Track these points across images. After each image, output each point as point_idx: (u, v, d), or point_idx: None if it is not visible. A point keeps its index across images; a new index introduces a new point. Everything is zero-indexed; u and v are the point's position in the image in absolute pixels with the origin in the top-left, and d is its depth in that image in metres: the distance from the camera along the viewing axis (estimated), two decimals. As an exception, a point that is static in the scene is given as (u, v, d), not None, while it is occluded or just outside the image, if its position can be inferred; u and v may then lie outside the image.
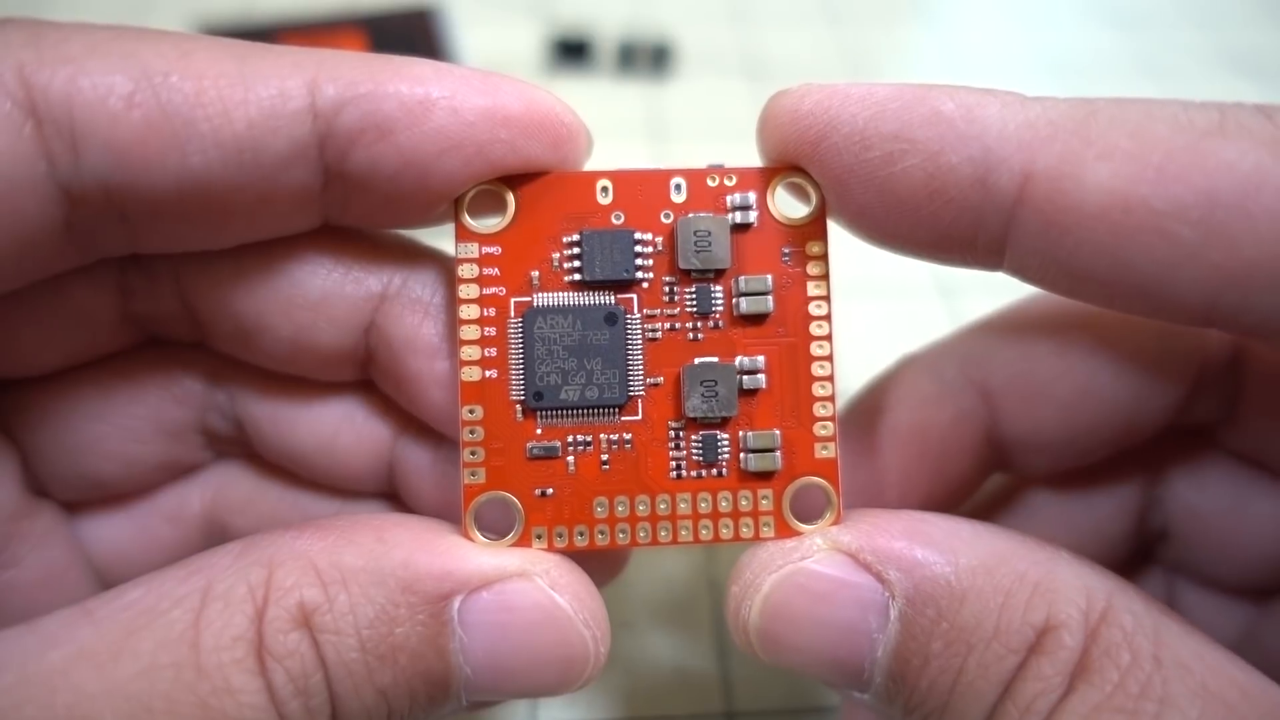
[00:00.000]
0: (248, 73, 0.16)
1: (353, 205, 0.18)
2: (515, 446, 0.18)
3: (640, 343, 0.18)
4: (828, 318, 0.18)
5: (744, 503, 0.18)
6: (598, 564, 0.20)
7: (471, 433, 0.18)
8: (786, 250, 0.18)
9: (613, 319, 0.18)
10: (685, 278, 0.18)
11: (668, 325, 0.18)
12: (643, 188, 0.18)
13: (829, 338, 0.18)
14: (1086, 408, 0.21)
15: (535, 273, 0.18)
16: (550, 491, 0.18)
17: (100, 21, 0.17)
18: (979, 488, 0.23)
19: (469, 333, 0.18)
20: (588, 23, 0.49)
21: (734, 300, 0.18)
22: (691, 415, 0.18)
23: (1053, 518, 0.23)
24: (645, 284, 0.18)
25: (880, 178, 0.17)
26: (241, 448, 0.22)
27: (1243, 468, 0.22)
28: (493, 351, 0.18)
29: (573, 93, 0.20)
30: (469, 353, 0.18)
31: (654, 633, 0.27)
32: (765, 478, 0.18)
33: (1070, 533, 0.23)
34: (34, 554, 0.20)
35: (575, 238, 0.18)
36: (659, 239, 0.18)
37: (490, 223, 0.18)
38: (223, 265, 0.19)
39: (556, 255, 0.18)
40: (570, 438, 0.18)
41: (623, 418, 0.18)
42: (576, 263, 0.18)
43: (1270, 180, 0.15)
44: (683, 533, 0.18)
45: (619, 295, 0.18)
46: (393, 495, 0.22)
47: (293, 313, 0.19)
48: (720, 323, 0.18)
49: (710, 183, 0.18)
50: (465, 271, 0.18)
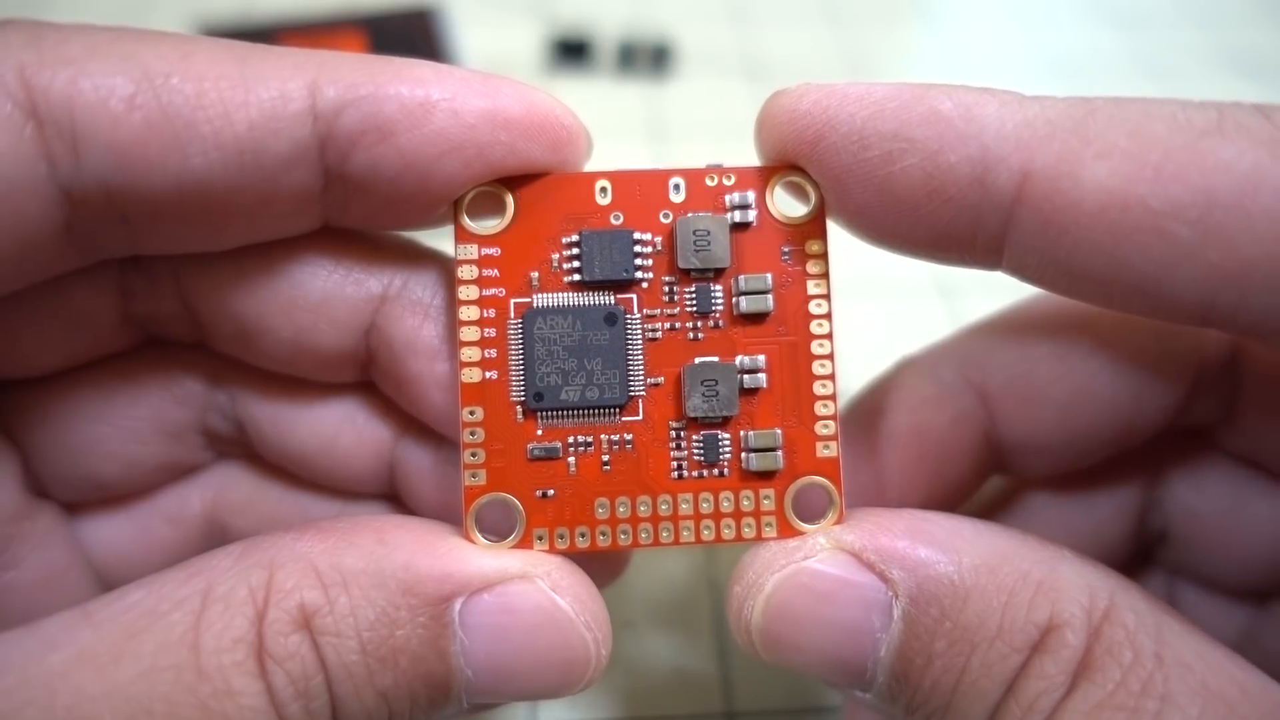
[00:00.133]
0: (249, 74, 0.16)
1: (353, 207, 0.18)
2: (516, 448, 0.18)
3: (640, 343, 0.18)
4: (828, 316, 0.18)
5: (745, 503, 0.18)
6: (599, 565, 0.20)
7: (472, 434, 0.18)
8: (786, 249, 0.18)
9: (613, 319, 0.18)
10: (685, 277, 0.18)
11: (668, 325, 0.18)
12: (642, 188, 0.18)
13: (829, 336, 0.18)
14: (1085, 409, 0.21)
15: (535, 273, 0.18)
16: (551, 493, 0.18)
17: (100, 22, 0.17)
18: (978, 490, 0.23)
19: (469, 334, 0.18)
20: (588, 23, 0.49)
21: (734, 299, 0.18)
22: (692, 415, 0.18)
23: (1052, 519, 0.23)
24: (645, 284, 0.18)
25: (879, 177, 0.17)
26: (242, 448, 0.22)
27: (1241, 469, 0.22)
28: (493, 353, 0.18)
29: (573, 93, 0.20)
30: (469, 354, 0.18)
31: (654, 633, 0.27)
32: (767, 477, 0.18)
33: (1069, 534, 0.23)
34: (34, 555, 0.20)
35: (574, 238, 0.18)
36: (658, 239, 0.18)
37: (490, 224, 0.18)
38: (223, 266, 0.19)
39: (556, 256, 0.18)
40: (571, 438, 0.18)
41: (623, 418, 0.18)
42: (576, 263, 0.18)
43: (1268, 180, 0.15)
44: (684, 533, 0.18)
45: (619, 295, 0.18)
46: (393, 496, 0.22)
47: (293, 314, 0.19)
48: (720, 322, 0.18)
49: (709, 182, 0.18)
50: (465, 273, 0.18)
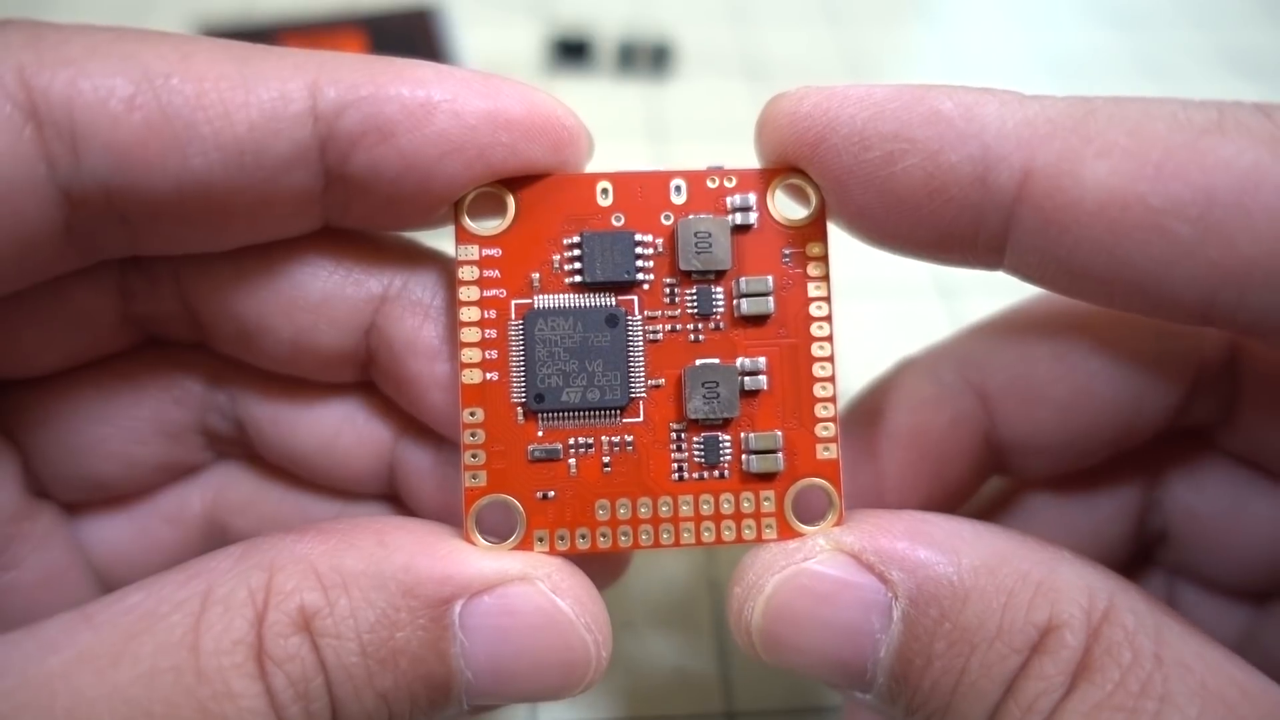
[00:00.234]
0: (249, 75, 0.16)
1: (353, 207, 0.18)
2: (516, 449, 0.18)
3: (641, 344, 0.18)
4: (828, 318, 0.18)
5: (746, 504, 0.18)
6: (599, 566, 0.20)
7: (472, 435, 0.18)
8: (787, 251, 0.18)
9: (614, 321, 0.18)
10: (686, 279, 0.18)
11: (669, 327, 0.18)
12: (643, 189, 0.18)
13: (830, 338, 0.18)
14: (1084, 410, 0.21)
15: (536, 275, 0.18)
16: (552, 494, 0.18)
17: (100, 22, 0.17)
18: (978, 490, 0.23)
19: (469, 335, 0.18)
20: (588, 23, 0.49)
21: (735, 301, 0.18)
22: (693, 417, 0.18)
23: (1052, 520, 0.23)
24: (646, 285, 0.18)
25: (880, 178, 0.17)
26: (242, 449, 0.22)
27: (1241, 469, 0.22)
28: (493, 354, 0.18)
29: (573, 93, 0.20)
30: (469, 355, 0.18)
31: (654, 633, 0.27)
32: (767, 479, 0.18)
33: (1069, 535, 0.23)
34: (34, 555, 0.20)
35: (576, 239, 0.18)
36: (659, 240, 0.18)
37: (490, 225, 0.18)
38: (223, 267, 0.19)
39: (557, 257, 0.18)
40: (572, 440, 0.18)
41: (624, 420, 0.18)
42: (577, 264, 0.18)
43: (1268, 178, 0.15)
44: (684, 535, 0.18)
45: (620, 297, 0.18)
46: (394, 497, 0.22)
47: (293, 314, 0.19)
48: (721, 324, 0.18)
49: (710, 184, 0.18)
50: (465, 274, 0.18)
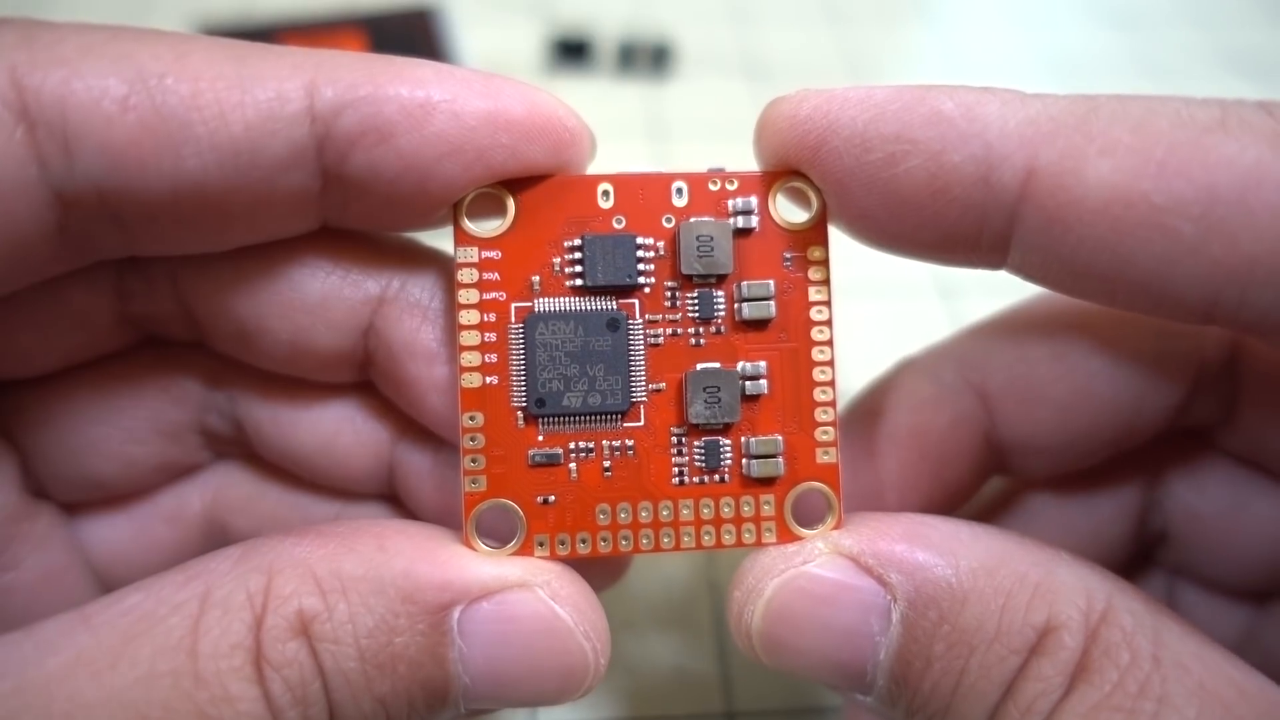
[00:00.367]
0: (245, 75, 0.16)
1: (352, 208, 0.18)
2: (517, 454, 0.18)
3: (642, 348, 0.18)
4: (829, 323, 0.18)
5: (746, 508, 0.18)
6: (599, 568, 0.20)
7: (472, 440, 0.18)
8: (788, 255, 0.18)
9: (615, 325, 0.18)
10: (687, 283, 0.18)
11: (670, 331, 0.18)
12: (644, 192, 0.18)
13: (830, 343, 0.18)
14: (1084, 410, 0.21)
15: (536, 277, 0.18)
16: (552, 499, 0.18)
17: (99, 22, 0.17)
18: (978, 491, 0.23)
19: (469, 338, 0.18)
20: (588, 23, 0.49)
21: (736, 306, 0.18)
22: (695, 422, 0.18)
23: (1052, 521, 0.23)
24: (647, 289, 0.18)
25: (882, 179, 0.17)
26: (241, 448, 0.22)
27: (1241, 469, 0.22)
28: (493, 357, 0.18)
29: (573, 93, 0.20)
30: (469, 359, 0.18)
31: (655, 633, 0.27)
32: (767, 483, 0.18)
33: (1070, 536, 0.23)
34: (34, 556, 0.20)
35: (577, 242, 0.18)
36: (660, 243, 0.18)
37: (490, 226, 0.18)
38: (221, 268, 0.19)
39: (557, 260, 0.18)
40: (572, 444, 0.18)
41: (625, 424, 0.18)
42: (578, 267, 0.18)
43: (1271, 176, 0.15)
44: (685, 539, 0.18)
45: (620, 300, 0.18)
46: (392, 497, 0.22)
47: (291, 315, 0.19)
48: (722, 328, 0.18)
49: (712, 187, 0.18)
50: (465, 276, 0.18)
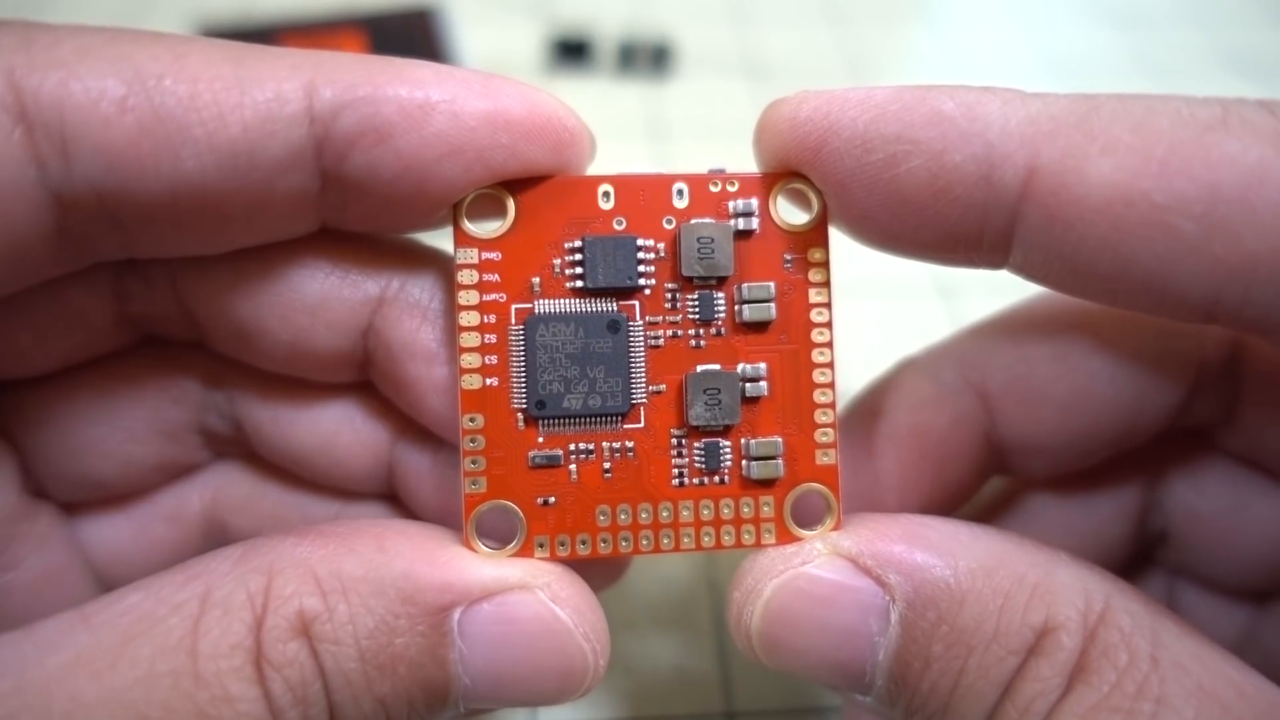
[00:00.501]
0: (243, 76, 0.16)
1: (351, 210, 0.18)
2: (517, 455, 0.18)
3: (643, 350, 0.18)
4: (829, 325, 0.18)
5: (745, 509, 0.18)
6: (599, 569, 0.20)
7: (472, 441, 0.18)
8: (788, 256, 0.18)
9: (615, 326, 0.18)
10: (688, 284, 0.18)
11: (670, 332, 0.18)
12: (645, 193, 0.18)
13: (830, 345, 0.18)
14: (1085, 410, 0.21)
15: (536, 279, 0.18)
16: (552, 500, 0.18)
17: (99, 23, 0.17)
18: (978, 491, 0.23)
19: (469, 340, 0.18)
20: (588, 23, 0.49)
21: (736, 307, 0.18)
22: (695, 423, 0.18)
23: (1052, 521, 0.23)
24: (648, 291, 0.18)
25: (884, 180, 0.17)
26: (240, 448, 0.22)
27: (1242, 469, 0.22)
28: (493, 359, 0.18)
29: (573, 93, 0.20)
30: (469, 360, 0.18)
31: (655, 633, 0.27)
32: (767, 485, 0.18)
33: (1070, 536, 0.23)
34: (34, 556, 0.20)
35: (577, 244, 0.18)
36: (661, 245, 0.18)
37: (490, 227, 0.18)
38: (219, 269, 0.19)
39: (558, 261, 0.18)
40: (572, 446, 0.18)
41: (625, 425, 0.18)
42: (578, 269, 0.18)
43: (1272, 174, 0.15)
44: (684, 540, 0.18)
45: (621, 302, 0.18)
46: (392, 496, 0.22)
47: (290, 316, 0.19)
48: (722, 330, 0.18)
49: (713, 188, 0.18)
50: (465, 278, 0.18)
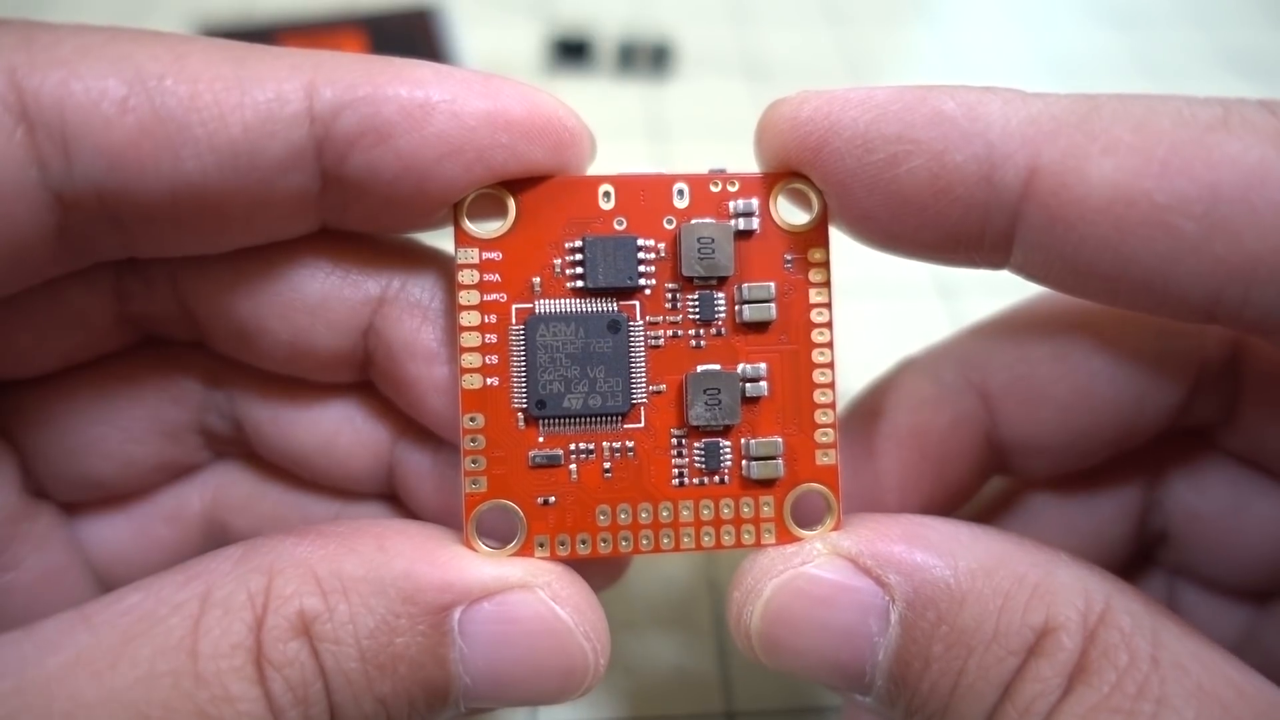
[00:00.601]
0: (244, 76, 0.16)
1: (351, 210, 0.18)
2: (517, 455, 0.18)
3: (643, 350, 0.18)
4: (829, 325, 0.18)
5: (745, 509, 0.18)
6: (599, 568, 0.20)
7: (473, 441, 0.18)
8: (789, 257, 0.18)
9: (616, 327, 0.18)
10: (688, 284, 0.18)
11: (670, 332, 0.18)
12: (645, 193, 0.18)
13: (830, 345, 0.18)
14: (1085, 410, 0.21)
15: (537, 279, 0.18)
16: (553, 499, 0.18)
17: (99, 22, 0.17)
18: (979, 491, 0.23)
19: (469, 340, 0.18)
20: (588, 23, 0.49)
21: (736, 308, 0.18)
22: (695, 423, 0.18)
23: (1053, 521, 0.23)
24: (648, 291, 0.18)
25: (885, 180, 0.17)
26: (241, 448, 0.22)
27: (1242, 469, 0.22)
28: (494, 359, 0.18)
29: (573, 93, 0.20)
30: (470, 360, 0.18)
31: (655, 633, 0.27)
32: (767, 485, 0.18)
33: (1070, 536, 0.23)
34: (34, 556, 0.20)
35: (578, 244, 0.18)
36: (661, 245, 0.18)
37: (491, 227, 0.18)
38: (220, 269, 0.19)
39: (558, 261, 0.18)
40: (573, 445, 0.18)
41: (625, 425, 0.18)
42: (579, 269, 0.18)
43: (1274, 174, 0.15)
44: (684, 540, 0.18)
45: (621, 302, 0.18)
46: (392, 496, 0.22)
47: (291, 316, 0.19)
48: (723, 330, 0.18)
49: (713, 188, 0.18)
50: (465, 278, 0.18)
